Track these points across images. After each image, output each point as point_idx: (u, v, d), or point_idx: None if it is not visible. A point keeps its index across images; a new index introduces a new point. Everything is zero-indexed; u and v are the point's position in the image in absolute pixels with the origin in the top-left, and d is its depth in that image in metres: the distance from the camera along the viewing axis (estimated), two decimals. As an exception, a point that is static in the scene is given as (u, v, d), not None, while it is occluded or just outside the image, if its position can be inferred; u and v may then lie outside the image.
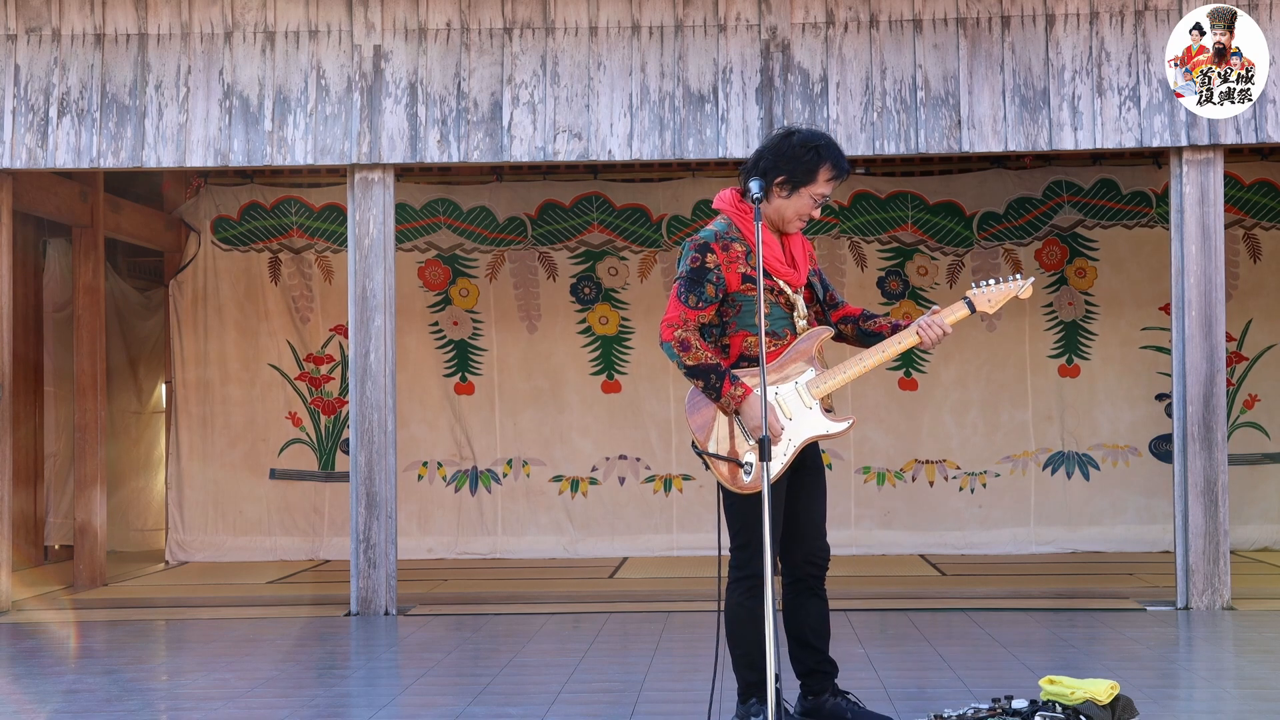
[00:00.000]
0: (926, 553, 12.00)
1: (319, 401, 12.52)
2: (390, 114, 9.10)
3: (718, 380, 5.22)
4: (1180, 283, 8.90)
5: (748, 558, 5.33)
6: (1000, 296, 5.52)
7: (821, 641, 5.52)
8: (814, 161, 5.31)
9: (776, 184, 5.32)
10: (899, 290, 12.29)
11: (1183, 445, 8.85)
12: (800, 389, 5.29)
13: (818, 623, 5.51)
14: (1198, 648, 7.68)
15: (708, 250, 5.30)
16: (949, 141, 8.98)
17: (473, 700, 6.36)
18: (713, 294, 5.29)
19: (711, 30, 9.07)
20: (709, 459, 5.30)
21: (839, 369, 5.33)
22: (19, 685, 6.93)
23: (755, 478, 5.22)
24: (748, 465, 5.23)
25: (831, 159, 5.34)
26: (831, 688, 5.53)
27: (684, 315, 5.28)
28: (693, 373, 5.26)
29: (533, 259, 12.48)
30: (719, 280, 5.29)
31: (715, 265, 5.29)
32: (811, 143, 5.34)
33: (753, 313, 5.28)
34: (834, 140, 5.43)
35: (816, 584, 5.50)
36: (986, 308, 5.52)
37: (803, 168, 5.30)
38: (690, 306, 5.29)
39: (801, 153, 5.31)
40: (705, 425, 5.31)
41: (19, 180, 9.75)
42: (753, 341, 5.31)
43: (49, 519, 12.09)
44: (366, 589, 9.03)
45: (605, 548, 12.20)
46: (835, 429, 5.32)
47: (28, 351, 11.69)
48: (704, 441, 5.31)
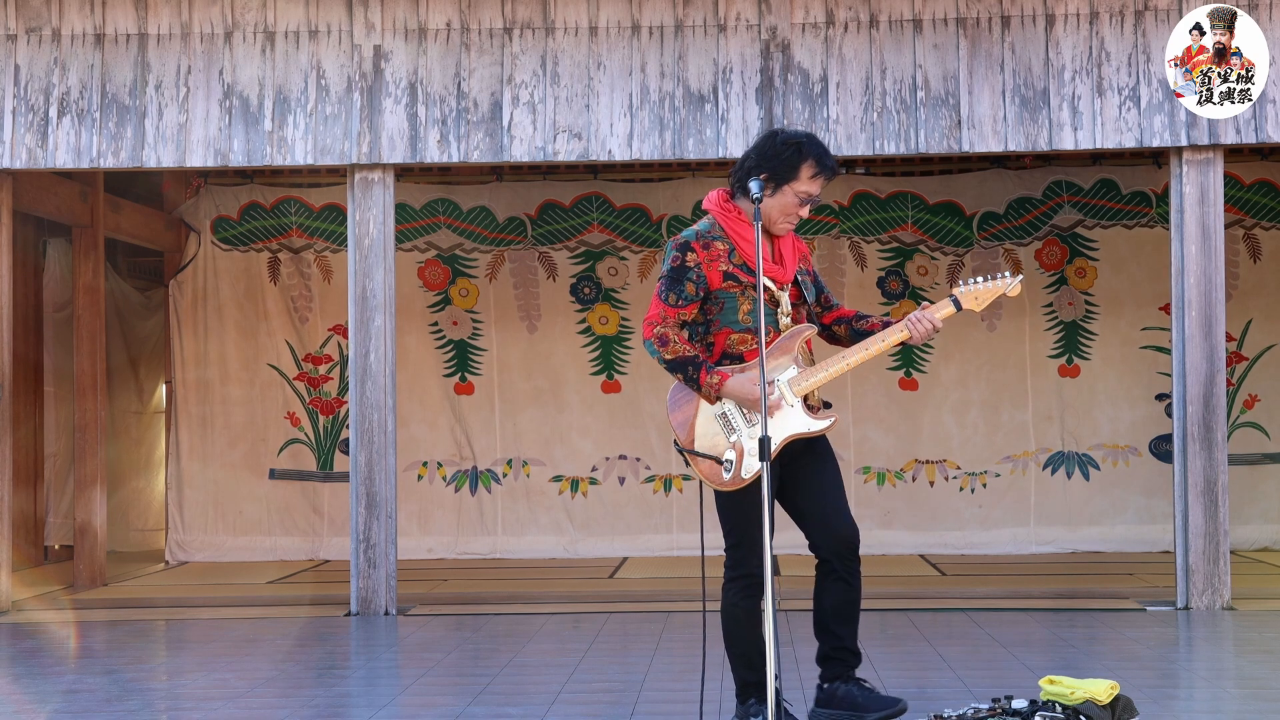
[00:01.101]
0: (926, 553, 12.00)
1: (317, 401, 12.52)
2: (390, 114, 9.10)
3: (695, 371, 5.27)
4: (1180, 283, 8.90)
5: (740, 557, 5.33)
6: (987, 294, 5.47)
7: (841, 627, 5.44)
8: (795, 158, 5.32)
9: (763, 181, 5.33)
10: (899, 290, 12.29)
11: (1183, 445, 8.85)
12: (782, 386, 5.29)
13: (838, 607, 5.43)
14: (1198, 648, 7.68)
15: (688, 249, 5.35)
16: (949, 141, 8.98)
17: (473, 700, 6.36)
18: (693, 292, 5.33)
19: (711, 30, 9.07)
20: (689, 457, 5.33)
21: (821, 366, 5.33)
22: (19, 685, 6.92)
23: (735, 475, 5.23)
24: (728, 462, 5.25)
25: (814, 155, 5.34)
26: (845, 675, 5.48)
27: (664, 313, 5.34)
28: (671, 366, 5.31)
29: (532, 259, 12.48)
30: (699, 278, 5.33)
31: (696, 264, 5.33)
32: (793, 140, 5.36)
33: (735, 310, 5.31)
34: (818, 139, 5.43)
35: (843, 569, 5.40)
36: (973, 305, 5.48)
37: (784, 165, 5.32)
38: (670, 304, 5.34)
39: (782, 150, 5.33)
40: (685, 423, 5.34)
41: (19, 180, 9.75)
42: (736, 339, 5.34)
43: (49, 519, 12.09)
44: (366, 589, 9.03)
45: (605, 548, 12.20)
46: (816, 427, 5.30)
47: (28, 351, 11.69)
48: (685, 439, 5.33)
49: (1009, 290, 5.49)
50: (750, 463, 5.21)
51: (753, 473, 5.21)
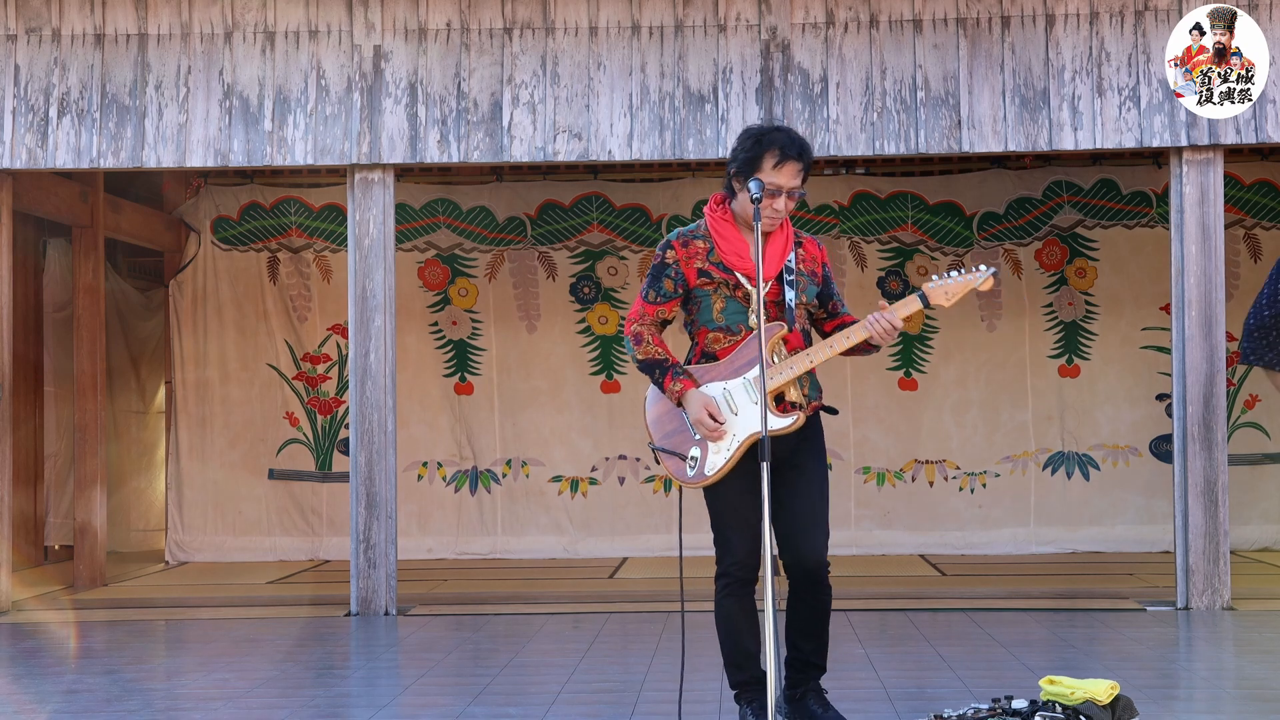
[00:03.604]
0: (926, 553, 12.00)
1: (315, 401, 12.52)
2: (390, 114, 9.10)
3: (661, 375, 5.33)
4: (1180, 283, 8.90)
5: (720, 555, 5.36)
6: (957, 289, 5.36)
7: (804, 641, 5.44)
8: (755, 149, 5.27)
9: (734, 177, 5.34)
10: (899, 290, 12.29)
11: (1183, 445, 8.85)
12: (748, 384, 5.29)
13: (802, 622, 5.44)
14: (1198, 648, 7.68)
15: (669, 247, 5.39)
16: (949, 141, 8.98)
17: (473, 700, 6.36)
18: (671, 289, 5.37)
19: (711, 30, 9.07)
20: (658, 454, 5.38)
21: (786, 364, 5.29)
22: (19, 685, 6.92)
23: (698, 472, 5.26)
24: (692, 459, 5.28)
25: (776, 144, 5.24)
26: (806, 683, 5.46)
27: (642, 310, 5.40)
28: (642, 366, 5.39)
29: (532, 259, 12.48)
30: (677, 275, 5.36)
31: (674, 261, 5.36)
32: (755, 133, 5.33)
33: (710, 308, 5.34)
34: (786, 129, 5.33)
35: (806, 586, 5.40)
36: (942, 301, 5.38)
37: (748, 158, 5.29)
38: (649, 301, 5.40)
39: (746, 143, 5.32)
40: (657, 420, 5.41)
41: (19, 180, 9.75)
42: (712, 337, 5.36)
43: (49, 519, 12.09)
44: (366, 589, 9.03)
45: (605, 548, 12.20)
46: (779, 425, 5.24)
47: (28, 351, 11.69)
48: (655, 436, 5.39)
49: (980, 285, 5.35)
50: (714, 460, 5.24)
51: (716, 470, 5.24)
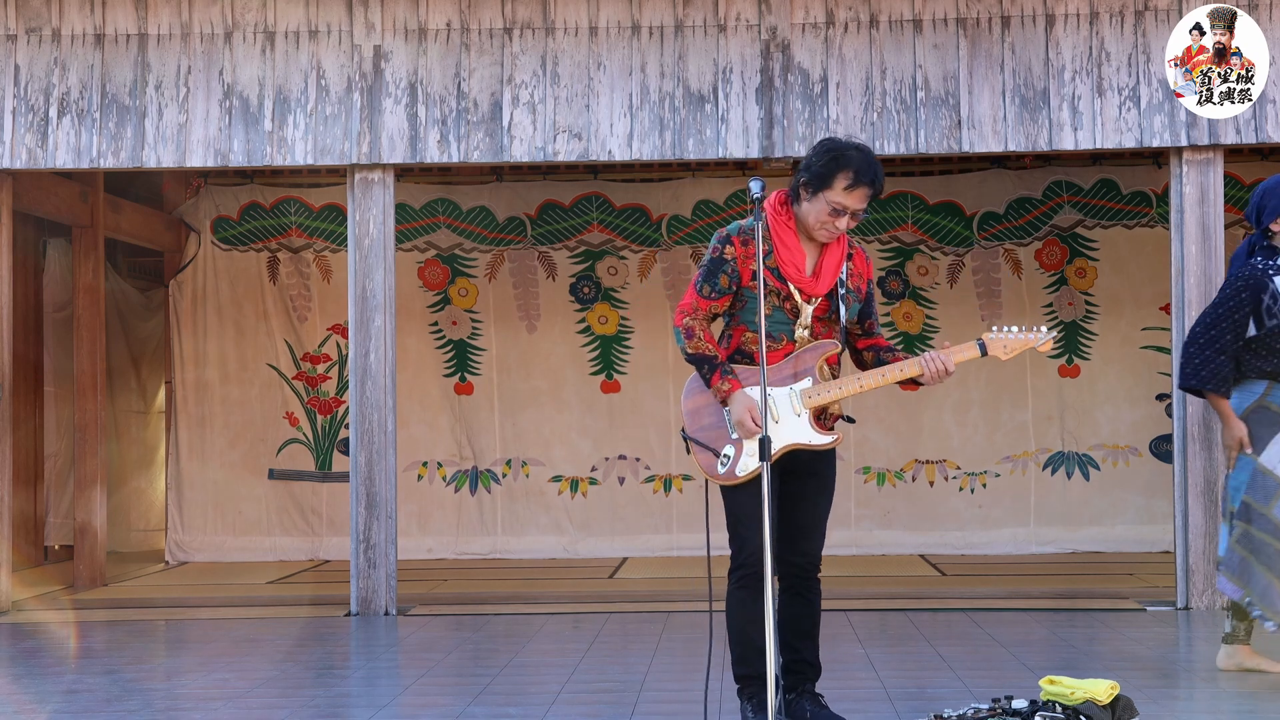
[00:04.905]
0: (926, 553, 12.00)
1: (315, 401, 12.52)
2: (390, 114, 9.10)
3: (710, 371, 5.30)
4: (1180, 283, 8.91)
5: (736, 549, 5.36)
6: (1016, 345, 5.54)
7: (799, 641, 5.47)
8: (830, 167, 5.25)
9: (802, 185, 5.32)
10: (899, 290, 12.30)
11: (1183, 445, 8.85)
12: (794, 395, 5.30)
13: (796, 622, 5.47)
14: (1198, 648, 7.67)
15: (728, 242, 5.35)
16: (949, 141, 8.98)
17: (473, 700, 6.36)
18: (726, 285, 5.34)
19: (711, 30, 9.07)
20: (690, 445, 5.37)
21: (836, 384, 5.32)
22: (19, 685, 6.92)
23: (729, 471, 5.25)
24: (725, 457, 5.28)
25: (851, 167, 5.23)
26: (802, 688, 5.48)
27: (696, 303, 5.36)
28: (691, 359, 5.35)
29: (532, 259, 12.48)
30: (734, 273, 5.33)
31: (732, 258, 5.33)
32: (835, 148, 5.30)
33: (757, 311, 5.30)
34: (867, 153, 5.30)
35: (801, 587, 5.46)
36: (1000, 353, 5.54)
37: (820, 171, 5.27)
38: (704, 296, 5.36)
39: (823, 156, 5.29)
40: (694, 411, 5.38)
41: (19, 180, 9.75)
42: (750, 338, 5.35)
43: (49, 519, 12.09)
44: (366, 589, 9.03)
45: (605, 548, 12.20)
46: (818, 441, 5.28)
47: (28, 351, 11.69)
48: (691, 427, 5.37)
49: (1040, 345, 5.56)
50: (747, 462, 5.23)
51: (747, 472, 5.23)
